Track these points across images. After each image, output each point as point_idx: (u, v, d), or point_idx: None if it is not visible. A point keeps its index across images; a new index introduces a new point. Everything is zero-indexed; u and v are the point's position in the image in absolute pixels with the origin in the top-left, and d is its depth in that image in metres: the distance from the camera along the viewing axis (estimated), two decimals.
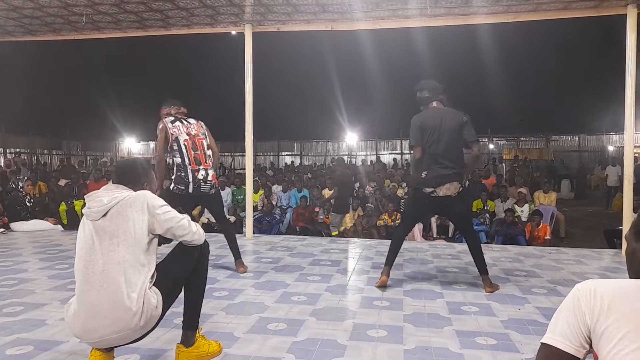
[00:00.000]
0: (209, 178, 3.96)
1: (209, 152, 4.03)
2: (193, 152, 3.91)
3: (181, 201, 3.89)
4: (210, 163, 4.01)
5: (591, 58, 23.58)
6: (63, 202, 9.20)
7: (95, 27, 6.64)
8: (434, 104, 3.82)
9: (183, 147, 3.89)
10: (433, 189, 3.66)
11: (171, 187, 3.97)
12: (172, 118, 4.01)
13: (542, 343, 1.10)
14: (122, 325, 1.96)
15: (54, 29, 6.77)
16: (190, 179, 3.88)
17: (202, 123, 4.13)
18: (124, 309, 1.94)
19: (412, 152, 3.92)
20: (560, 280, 4.11)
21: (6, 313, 3.06)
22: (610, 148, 20.70)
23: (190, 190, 3.89)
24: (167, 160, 4.03)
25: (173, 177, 4.01)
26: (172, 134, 3.92)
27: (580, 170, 17.21)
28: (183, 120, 4.02)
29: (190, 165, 3.89)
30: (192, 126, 4.01)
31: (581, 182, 16.34)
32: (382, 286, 3.76)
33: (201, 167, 3.92)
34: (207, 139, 4.07)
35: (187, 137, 3.92)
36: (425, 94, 3.85)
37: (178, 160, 3.92)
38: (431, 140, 3.69)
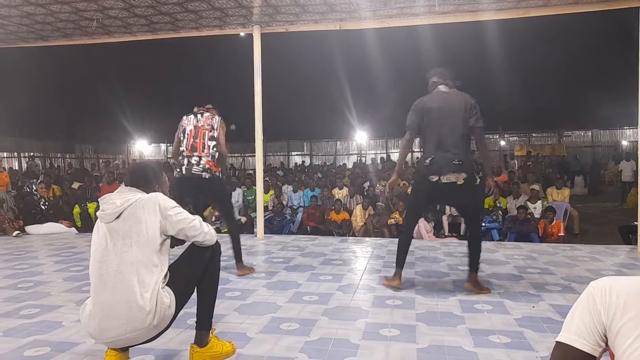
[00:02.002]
0: (202, 162, 4.08)
1: (211, 143, 4.11)
2: (192, 140, 4.11)
3: (180, 185, 4.11)
4: (209, 152, 4.10)
5: (603, 52, 23.28)
6: (77, 205, 9.33)
7: (105, 31, 6.71)
8: (441, 87, 3.66)
9: (186, 135, 4.15)
10: (438, 177, 3.46)
11: (175, 173, 4.25)
12: (192, 114, 4.25)
13: (557, 342, 1.09)
14: (136, 324, 1.99)
15: (65, 34, 6.86)
16: (185, 162, 4.10)
17: (217, 118, 4.21)
18: (138, 308, 1.97)
19: (406, 136, 3.74)
20: (575, 277, 4.06)
21: (23, 315, 3.11)
22: (624, 143, 20.41)
23: (184, 171, 4.09)
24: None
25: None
26: (181, 126, 4.20)
27: (594, 166, 16.99)
28: (198, 115, 4.21)
29: (186, 151, 4.12)
30: (202, 119, 4.19)
31: (595, 178, 16.13)
32: (398, 287, 3.67)
33: (195, 153, 4.09)
34: (214, 131, 4.15)
35: (192, 128, 4.14)
36: (434, 79, 3.74)
37: (182, 148, 4.17)
38: (433, 123, 3.52)
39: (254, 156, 6.43)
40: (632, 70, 5.43)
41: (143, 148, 25.32)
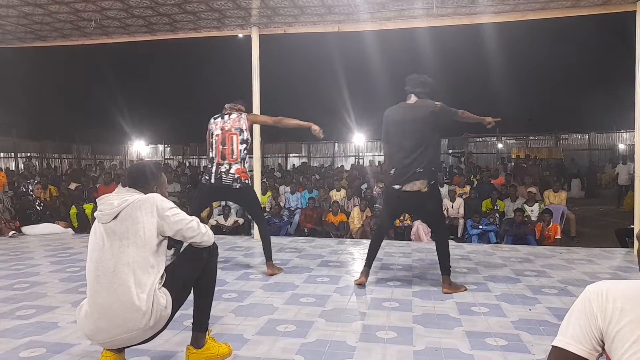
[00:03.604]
0: (231, 171, 4.05)
1: (241, 147, 4.11)
2: (221, 147, 4.08)
3: (208, 192, 4.17)
4: (239, 157, 4.09)
5: (601, 55, 23.35)
6: (73, 206, 9.30)
7: (103, 32, 6.70)
8: (411, 97, 3.76)
9: (214, 141, 4.12)
10: (400, 186, 3.65)
11: (201, 178, 4.25)
12: (218, 114, 4.20)
13: (553, 346, 1.09)
14: (132, 325, 1.99)
15: (63, 34, 6.85)
16: (213, 171, 4.09)
17: (243, 117, 4.16)
18: (134, 309, 1.97)
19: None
20: (572, 280, 4.07)
21: (19, 316, 3.10)
22: (621, 146, 20.44)
23: (213, 180, 4.08)
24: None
25: (204, 170, 4.29)
26: (209, 129, 4.17)
27: (591, 169, 17.03)
28: (225, 116, 4.16)
29: (216, 158, 4.09)
30: (229, 121, 4.13)
31: (591, 181, 16.17)
32: (361, 284, 3.80)
33: (225, 161, 4.07)
34: (244, 133, 4.12)
35: (220, 132, 4.10)
36: (406, 87, 3.82)
37: (210, 154, 4.16)
38: (395, 135, 3.71)
39: (252, 157, 6.42)
40: (629, 74, 5.45)
41: (141, 149, 25.27)
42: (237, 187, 4.07)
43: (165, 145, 25.89)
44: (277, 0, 5.49)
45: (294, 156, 24.50)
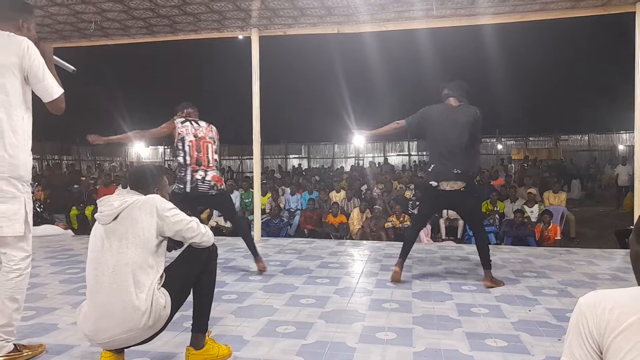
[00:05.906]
0: (207, 178, 4.02)
1: (215, 156, 4.13)
2: (196, 154, 4.02)
3: (182, 201, 4.01)
4: (214, 166, 4.10)
5: (600, 56, 23.40)
6: (74, 207, 9.31)
7: (104, 33, 6.71)
8: (451, 100, 3.89)
9: (187, 147, 4.01)
10: (437, 183, 3.78)
11: (174, 187, 4.12)
12: (182, 119, 4.12)
13: None
14: (131, 325, 1.99)
15: (63, 36, 6.85)
16: (188, 179, 3.99)
17: (213, 127, 4.21)
18: (133, 309, 1.98)
19: (401, 121, 4.07)
20: (571, 281, 4.07)
21: None
22: (621, 147, 20.47)
23: (188, 189, 3.99)
24: (176, 160, 4.18)
25: (177, 178, 4.17)
26: (179, 134, 4.03)
27: (588, 169, 17.04)
28: (193, 122, 4.12)
29: (190, 165, 4.00)
30: (201, 129, 4.11)
31: (591, 182, 16.18)
32: (397, 280, 3.91)
33: (201, 167, 4.02)
34: (215, 144, 4.17)
35: (193, 139, 4.03)
36: (445, 92, 3.94)
37: (180, 159, 4.04)
38: (436, 134, 3.82)
39: (252, 159, 6.44)
40: (629, 75, 5.46)
41: (140, 151, 25.26)
42: (213, 193, 4.07)
43: (165, 147, 25.90)
44: (277, 2, 5.50)
45: (294, 157, 24.52)
